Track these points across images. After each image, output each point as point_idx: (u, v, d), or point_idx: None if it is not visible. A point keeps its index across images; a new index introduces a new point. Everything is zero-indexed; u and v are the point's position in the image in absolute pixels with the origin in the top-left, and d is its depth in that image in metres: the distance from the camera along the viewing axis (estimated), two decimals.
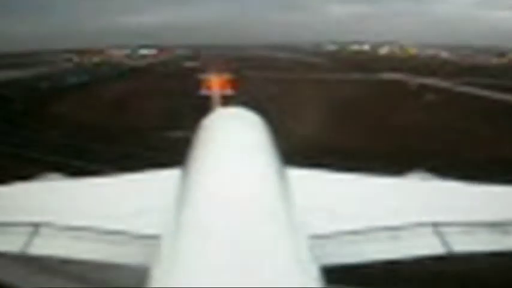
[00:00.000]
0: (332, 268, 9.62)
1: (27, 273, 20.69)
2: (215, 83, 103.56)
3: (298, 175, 13.13)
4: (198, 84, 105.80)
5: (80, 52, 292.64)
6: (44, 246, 10.67)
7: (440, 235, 10.80)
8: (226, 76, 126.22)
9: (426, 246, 10.72)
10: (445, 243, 10.62)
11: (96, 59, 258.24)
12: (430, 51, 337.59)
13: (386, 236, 10.77)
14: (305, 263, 8.96)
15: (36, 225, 10.98)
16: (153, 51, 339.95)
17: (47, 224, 11.05)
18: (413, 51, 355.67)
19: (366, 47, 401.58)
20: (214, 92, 79.49)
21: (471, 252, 10.62)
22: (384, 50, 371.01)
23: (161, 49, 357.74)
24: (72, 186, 14.43)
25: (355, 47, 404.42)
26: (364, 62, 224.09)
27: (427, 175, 15.50)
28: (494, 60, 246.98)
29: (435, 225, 11.03)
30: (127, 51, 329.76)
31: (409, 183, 14.63)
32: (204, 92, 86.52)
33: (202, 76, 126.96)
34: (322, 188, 12.85)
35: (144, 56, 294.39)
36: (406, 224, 11.03)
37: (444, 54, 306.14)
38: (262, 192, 10.85)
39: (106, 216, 11.46)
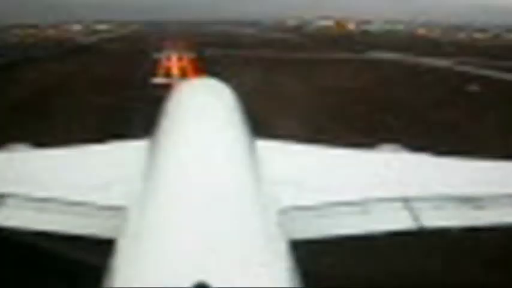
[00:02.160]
0: (301, 242, 9.29)
1: None
2: (174, 66, 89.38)
3: (268, 147, 12.90)
4: (153, 67, 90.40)
5: (30, 27, 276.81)
6: (9, 217, 10.41)
7: (411, 210, 10.65)
8: (189, 56, 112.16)
9: (397, 221, 10.52)
10: (415, 217, 10.46)
11: (41, 35, 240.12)
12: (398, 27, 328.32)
13: (357, 210, 10.58)
14: (273, 237, 8.77)
15: (1, 196, 10.74)
16: (106, 27, 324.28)
17: (12, 195, 10.81)
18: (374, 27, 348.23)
19: (330, 23, 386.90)
20: (173, 79, 64.30)
21: (442, 227, 10.49)
22: (351, 25, 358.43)
23: (118, 25, 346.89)
24: (38, 156, 13.82)
25: (322, 23, 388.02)
26: (336, 38, 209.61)
27: (399, 148, 14.90)
28: (478, 36, 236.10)
29: (406, 199, 10.88)
30: (81, 27, 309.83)
31: (380, 156, 14.22)
32: (159, 80, 71.17)
33: (158, 55, 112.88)
34: (292, 160, 12.59)
35: (96, 32, 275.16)
36: (377, 198, 10.86)
37: (421, 31, 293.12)
38: (230, 164, 10.63)
39: (72, 187, 11.18)
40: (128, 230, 8.90)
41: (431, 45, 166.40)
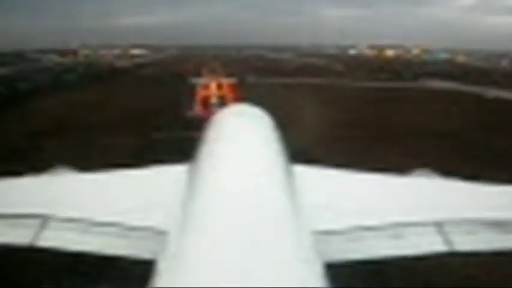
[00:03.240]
0: (336, 265, 9.47)
1: None
2: (212, 94, 77.76)
3: (304, 172, 13.10)
4: (188, 95, 80.00)
5: (67, 52, 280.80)
6: (52, 239, 10.66)
7: (443, 233, 10.68)
8: (228, 82, 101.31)
9: (429, 244, 10.55)
10: (448, 241, 10.50)
11: (80, 58, 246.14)
12: (443, 56, 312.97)
13: (390, 233, 10.62)
14: (309, 259, 8.87)
15: (45, 218, 11.03)
16: (144, 51, 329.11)
17: (56, 217, 11.08)
18: (420, 53, 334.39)
19: (367, 50, 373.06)
20: (210, 110, 52.36)
21: (474, 251, 10.47)
22: (389, 53, 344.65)
23: (154, 49, 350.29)
24: (82, 180, 14.29)
25: (353, 50, 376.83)
26: (380, 65, 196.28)
27: (431, 174, 15.34)
28: None
29: (438, 223, 10.90)
30: (117, 51, 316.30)
31: (413, 181, 14.60)
32: (195, 112, 59.55)
33: (195, 80, 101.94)
34: (327, 185, 12.74)
35: (133, 56, 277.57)
36: (410, 222, 10.89)
37: (461, 58, 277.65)
38: (268, 188, 10.80)
39: (114, 209, 11.38)
40: (169, 251, 9.11)
41: (480, 74, 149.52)
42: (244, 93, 71.26)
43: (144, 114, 59.94)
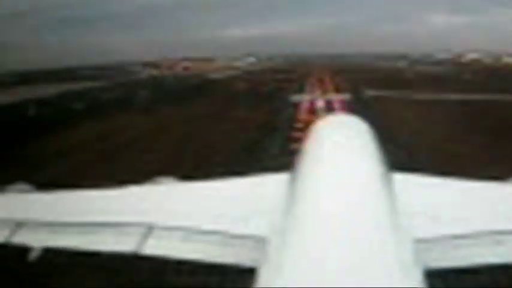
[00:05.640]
0: (436, 272, 9.50)
1: None
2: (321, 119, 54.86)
3: (403, 180, 13.04)
4: (288, 121, 59.04)
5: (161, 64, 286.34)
6: (156, 247, 11.18)
7: None
8: (340, 98, 78.32)
9: None
10: None
11: (177, 69, 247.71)
12: None
13: (490, 240, 10.50)
14: (409, 266, 9.00)
15: (149, 227, 11.54)
16: (251, 60, 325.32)
17: (160, 226, 11.56)
18: None
19: (482, 56, 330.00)
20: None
21: None
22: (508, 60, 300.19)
23: (258, 59, 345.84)
24: (183, 189, 14.70)
25: (473, 56, 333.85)
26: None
27: None
28: None
29: None
30: (220, 63, 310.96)
31: (510, 188, 14.36)
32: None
33: (297, 99, 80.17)
34: (425, 193, 12.62)
35: (232, 68, 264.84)
36: (509, 229, 10.71)
37: None
38: (368, 196, 10.83)
39: (217, 218, 11.65)
40: (270, 259, 9.31)
41: None
42: (368, 115, 49.89)
43: (220, 159, 40.02)
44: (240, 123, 59.21)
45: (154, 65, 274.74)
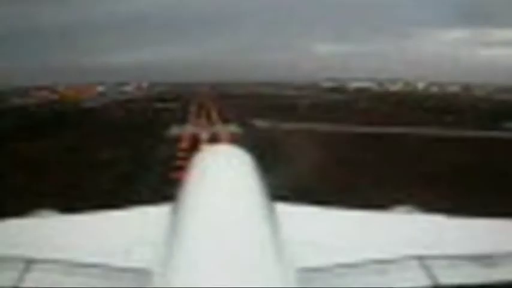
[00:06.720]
0: None
1: None
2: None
3: (286, 210, 12.93)
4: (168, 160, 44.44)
5: (43, 89, 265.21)
6: (37, 281, 10.44)
7: (426, 268, 10.65)
8: (228, 130, 66.72)
9: (413, 279, 10.45)
10: (431, 276, 10.46)
11: (53, 96, 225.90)
12: (451, 89, 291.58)
13: (374, 269, 10.59)
14: None
15: (29, 261, 10.88)
16: (129, 88, 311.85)
17: (40, 259, 10.87)
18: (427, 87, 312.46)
19: (369, 84, 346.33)
20: None
21: (458, 285, 10.34)
22: (395, 87, 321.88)
23: (139, 86, 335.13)
24: (65, 222, 14.05)
25: (360, 84, 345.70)
26: (427, 104, 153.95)
27: (412, 209, 15.25)
28: None
29: (421, 258, 10.89)
30: (102, 89, 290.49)
31: (394, 217, 14.47)
32: None
33: (176, 130, 67.18)
34: (309, 222, 12.69)
35: (120, 92, 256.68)
36: (393, 258, 10.87)
37: (479, 92, 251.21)
38: (249, 227, 10.63)
39: (98, 251, 11.24)
40: None
41: None
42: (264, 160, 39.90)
43: None
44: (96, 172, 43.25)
45: (20, 92, 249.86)
